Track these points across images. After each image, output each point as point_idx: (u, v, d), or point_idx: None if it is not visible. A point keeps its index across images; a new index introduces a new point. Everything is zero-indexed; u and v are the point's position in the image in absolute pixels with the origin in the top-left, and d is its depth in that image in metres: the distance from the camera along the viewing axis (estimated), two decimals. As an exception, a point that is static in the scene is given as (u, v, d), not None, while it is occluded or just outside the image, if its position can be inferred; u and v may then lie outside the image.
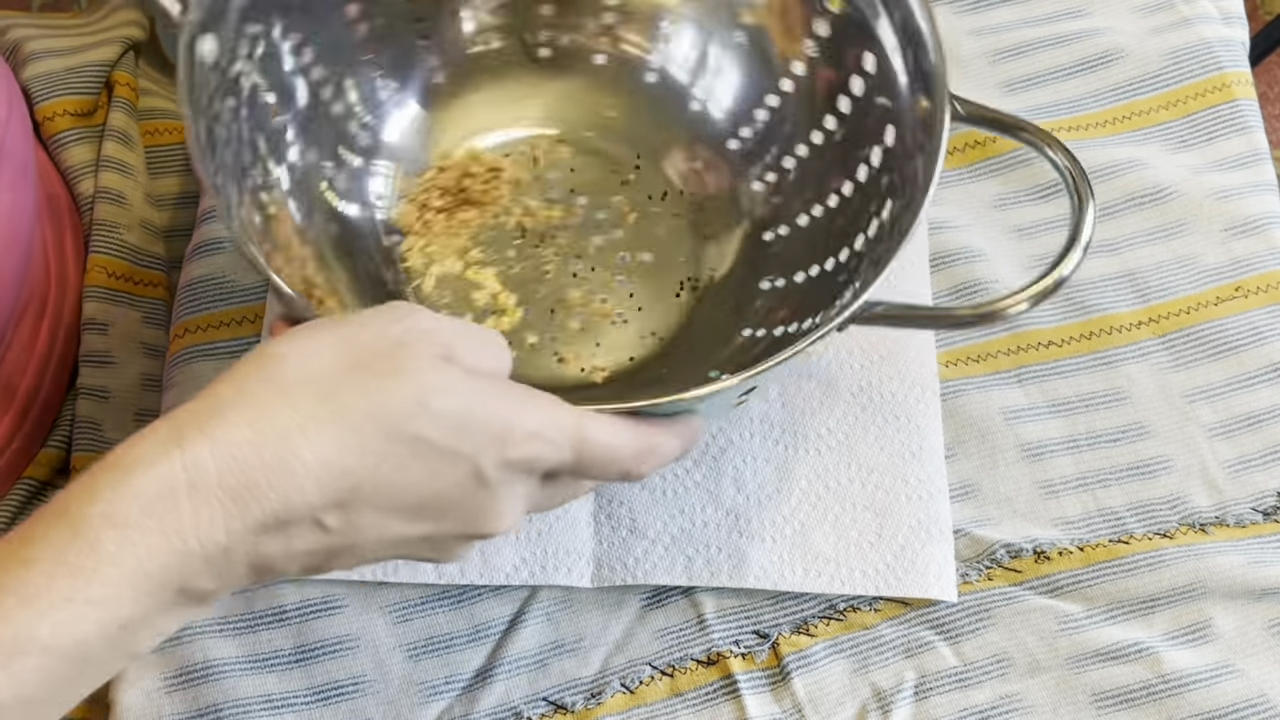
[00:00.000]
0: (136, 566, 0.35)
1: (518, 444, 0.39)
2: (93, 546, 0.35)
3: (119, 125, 0.71)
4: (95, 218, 0.68)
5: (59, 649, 0.35)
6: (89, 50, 0.73)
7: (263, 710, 0.54)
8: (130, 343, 0.65)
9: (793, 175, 0.59)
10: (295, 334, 0.40)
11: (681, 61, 0.63)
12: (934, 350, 0.60)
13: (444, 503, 0.39)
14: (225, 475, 0.36)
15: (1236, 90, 0.66)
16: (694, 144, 0.62)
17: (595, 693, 0.55)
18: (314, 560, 0.39)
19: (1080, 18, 0.68)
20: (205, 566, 0.36)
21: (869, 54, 0.54)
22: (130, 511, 0.35)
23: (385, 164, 0.61)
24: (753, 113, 0.61)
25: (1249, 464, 0.57)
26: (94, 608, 0.35)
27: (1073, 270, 0.48)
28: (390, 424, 0.37)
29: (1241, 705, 0.52)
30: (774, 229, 0.59)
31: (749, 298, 0.59)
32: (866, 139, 0.55)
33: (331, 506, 0.37)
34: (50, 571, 0.35)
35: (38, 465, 0.63)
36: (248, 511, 0.36)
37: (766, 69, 0.60)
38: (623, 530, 0.57)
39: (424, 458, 0.38)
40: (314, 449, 0.36)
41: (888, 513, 0.56)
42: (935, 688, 0.54)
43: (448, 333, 0.40)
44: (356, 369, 0.38)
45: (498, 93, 0.64)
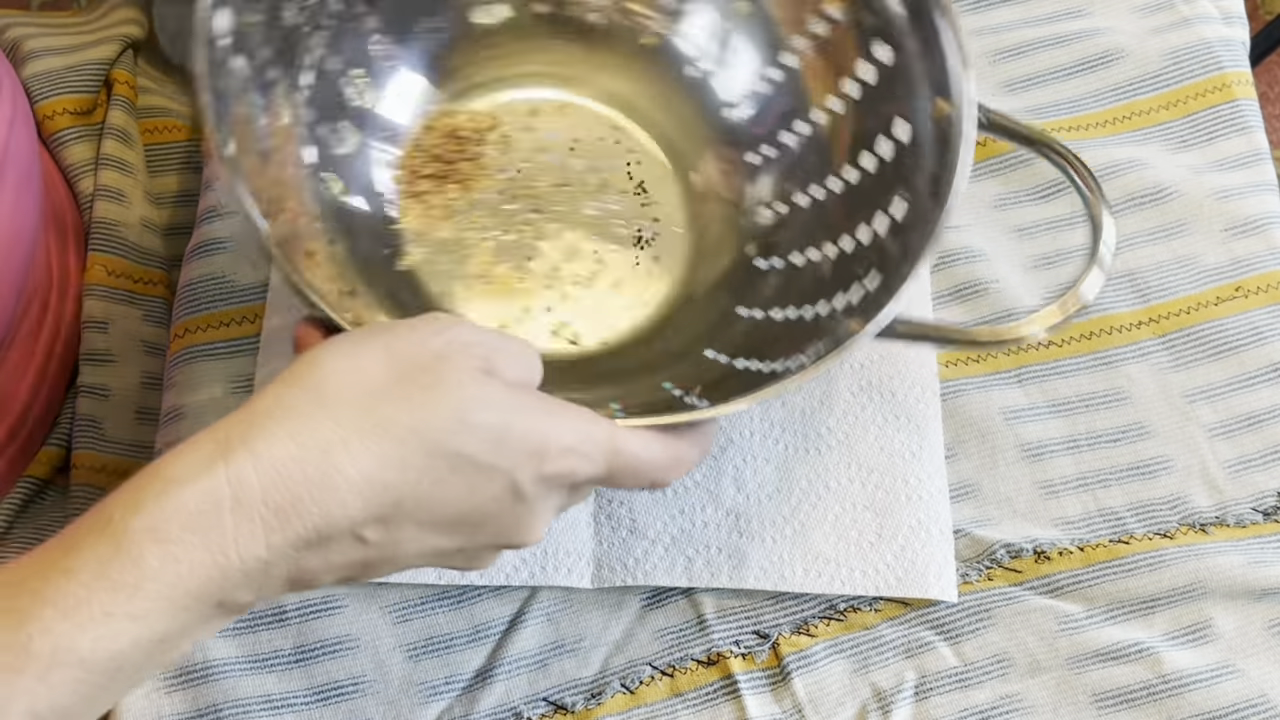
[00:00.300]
0: (178, 583, 0.35)
1: (554, 459, 0.40)
2: (135, 561, 0.35)
3: (118, 123, 0.71)
4: (95, 216, 0.68)
5: (97, 663, 0.35)
6: (88, 49, 0.73)
7: (263, 710, 0.54)
8: (130, 341, 0.65)
9: (794, 154, 0.59)
10: (335, 344, 0.40)
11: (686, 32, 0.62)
12: (934, 350, 0.60)
13: (481, 516, 0.40)
14: (269, 491, 0.36)
15: (1237, 90, 0.66)
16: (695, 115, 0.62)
17: (595, 693, 0.55)
18: (351, 572, 0.39)
19: (1080, 18, 0.68)
20: (245, 580, 0.37)
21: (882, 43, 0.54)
22: (173, 527, 0.35)
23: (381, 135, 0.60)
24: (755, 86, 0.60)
25: (1249, 464, 0.57)
26: (134, 623, 0.35)
27: (1094, 294, 0.48)
28: (432, 439, 0.38)
29: (1242, 705, 0.52)
30: (772, 207, 0.59)
31: (747, 276, 0.58)
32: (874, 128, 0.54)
33: (373, 521, 0.38)
34: (91, 584, 0.35)
35: (38, 464, 0.63)
36: (289, 526, 0.36)
37: (771, 41, 0.59)
38: (623, 531, 0.57)
39: (463, 473, 0.38)
40: (357, 464, 0.37)
41: (888, 513, 0.56)
42: (935, 688, 0.54)
43: (486, 345, 0.41)
44: (398, 382, 0.38)
45: (499, 60, 0.63)
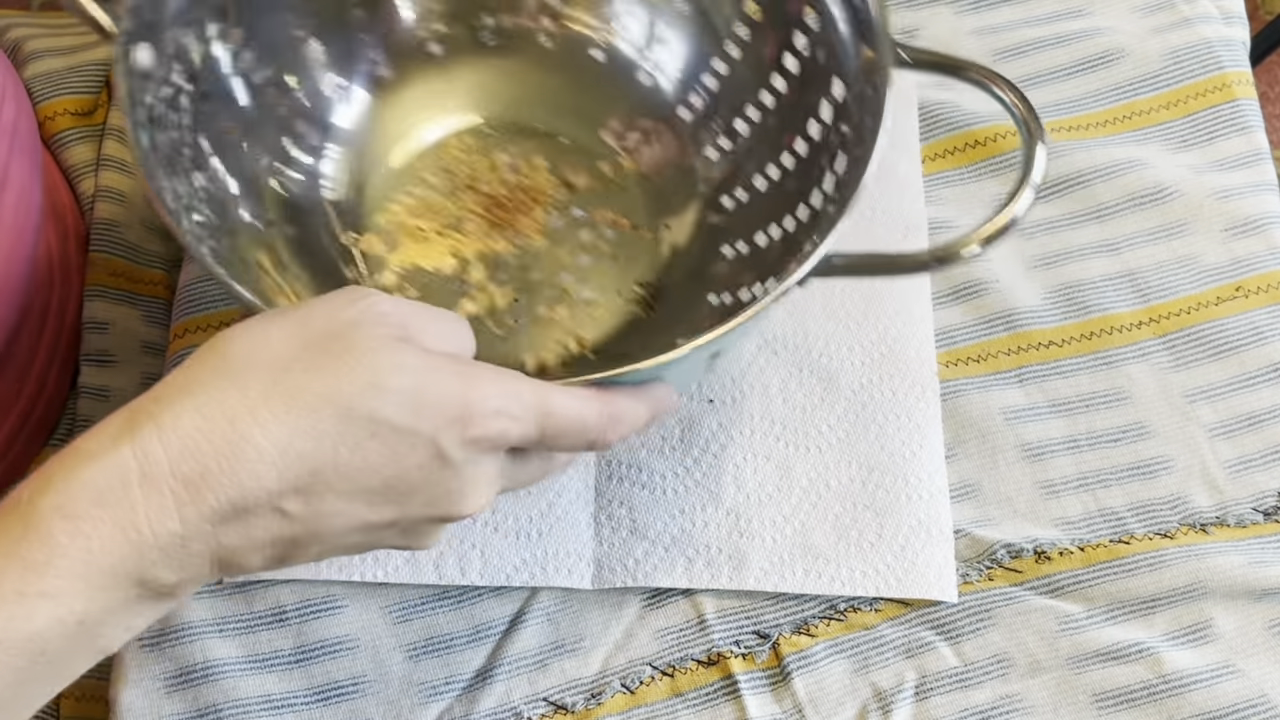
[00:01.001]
0: (89, 559, 0.35)
1: (479, 421, 0.38)
2: (44, 539, 0.34)
3: (119, 124, 0.71)
4: (96, 216, 0.68)
5: (13, 643, 0.34)
6: (89, 49, 0.73)
7: (263, 710, 0.54)
8: (131, 341, 0.65)
9: (746, 138, 0.59)
10: (246, 323, 0.39)
11: (628, 36, 0.62)
12: (934, 350, 0.60)
13: (408, 485, 0.38)
14: (177, 463, 0.35)
15: (1237, 90, 0.66)
16: (646, 117, 0.62)
17: (595, 693, 0.55)
18: (278, 550, 0.38)
19: (1080, 17, 0.68)
20: (162, 557, 0.36)
21: (809, 9, 0.54)
22: (81, 503, 0.35)
23: (334, 154, 0.61)
24: (700, 79, 0.61)
25: (1249, 464, 0.57)
26: (47, 601, 0.34)
27: (1025, 210, 0.47)
28: (344, 404, 0.37)
29: (1242, 705, 0.52)
30: (731, 193, 0.59)
31: (712, 264, 0.58)
32: (814, 94, 0.54)
33: (290, 492, 0.36)
34: (2, 565, 0.34)
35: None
36: (202, 499, 0.35)
37: (711, 35, 0.60)
38: (623, 531, 0.57)
39: (382, 438, 0.37)
40: (266, 433, 0.36)
41: (888, 513, 0.56)
42: (936, 688, 0.54)
43: (404, 313, 0.40)
44: (308, 350, 0.37)
45: (445, 79, 0.63)
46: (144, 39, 0.50)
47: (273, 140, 0.59)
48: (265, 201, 0.57)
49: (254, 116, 0.57)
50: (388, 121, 0.62)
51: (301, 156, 0.60)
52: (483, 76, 0.64)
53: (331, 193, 0.60)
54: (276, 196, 0.58)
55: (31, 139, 0.59)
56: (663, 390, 0.45)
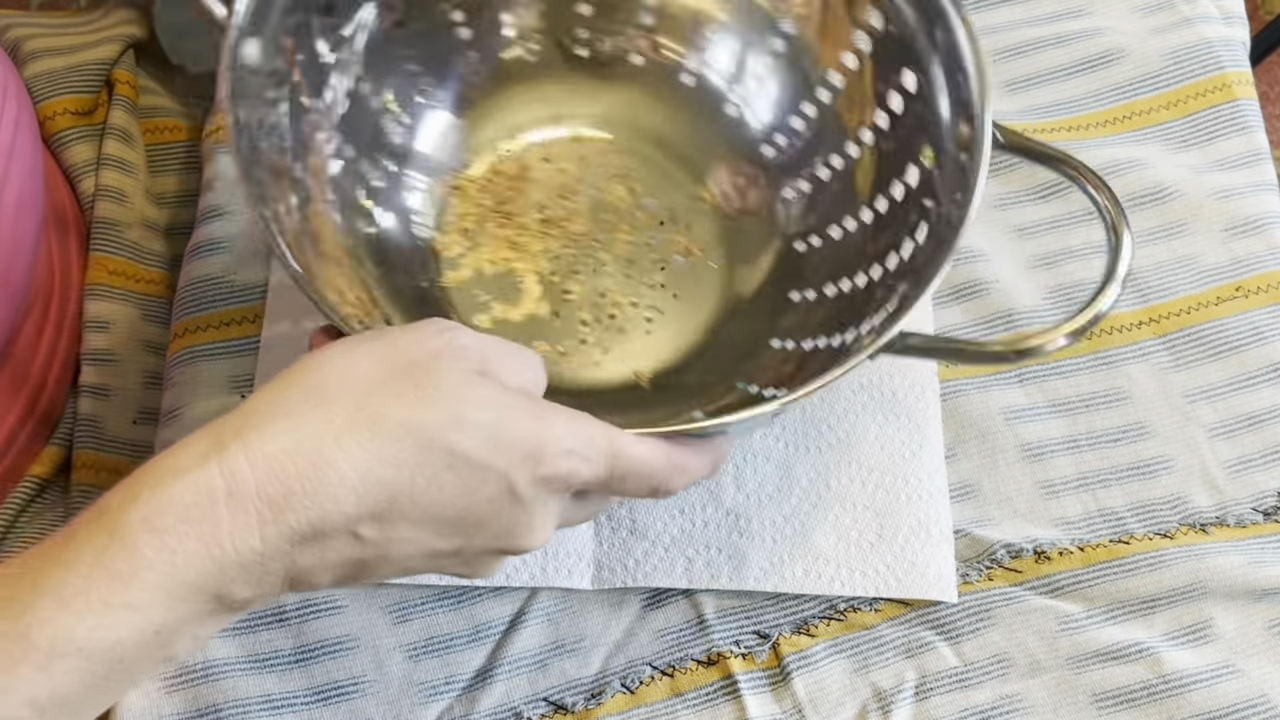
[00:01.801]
0: (173, 573, 0.35)
1: (551, 460, 0.39)
2: (130, 552, 0.35)
3: (119, 123, 0.71)
4: (96, 215, 0.68)
5: (95, 652, 0.35)
6: (89, 49, 0.73)
7: (263, 710, 0.54)
8: (131, 340, 0.65)
9: (827, 187, 0.59)
10: (333, 346, 0.40)
11: (719, 68, 0.62)
12: (944, 363, 0.60)
13: (477, 517, 0.39)
14: (263, 484, 0.36)
15: (1237, 90, 0.65)
16: (730, 150, 0.62)
17: (595, 693, 0.55)
18: (347, 571, 0.39)
19: (1081, 17, 0.68)
20: (241, 574, 0.37)
21: (909, 72, 0.54)
22: (168, 518, 0.36)
23: (419, 169, 0.61)
24: (789, 121, 0.60)
25: (1249, 464, 0.57)
26: (130, 612, 0.35)
27: (1110, 306, 0.47)
28: (426, 435, 0.38)
29: (1242, 705, 0.52)
30: (806, 240, 0.59)
31: (779, 308, 0.58)
32: (903, 157, 0.54)
33: (367, 518, 0.38)
34: (88, 575, 0.35)
35: (40, 463, 0.63)
36: (283, 520, 0.36)
37: (803, 79, 0.60)
38: (623, 531, 0.57)
39: (458, 471, 0.38)
40: (350, 460, 0.37)
41: (888, 513, 0.56)
42: (936, 688, 0.54)
43: (483, 348, 0.41)
44: (392, 379, 0.39)
45: (534, 96, 0.63)
46: (254, 33, 0.50)
47: (364, 144, 0.59)
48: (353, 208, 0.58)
49: (349, 118, 0.58)
50: (474, 135, 0.63)
51: (388, 163, 0.60)
52: (570, 94, 0.64)
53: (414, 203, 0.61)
54: (362, 204, 0.58)
55: (32, 137, 0.59)
56: (724, 442, 0.46)
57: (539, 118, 0.64)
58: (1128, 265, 0.48)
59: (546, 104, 0.63)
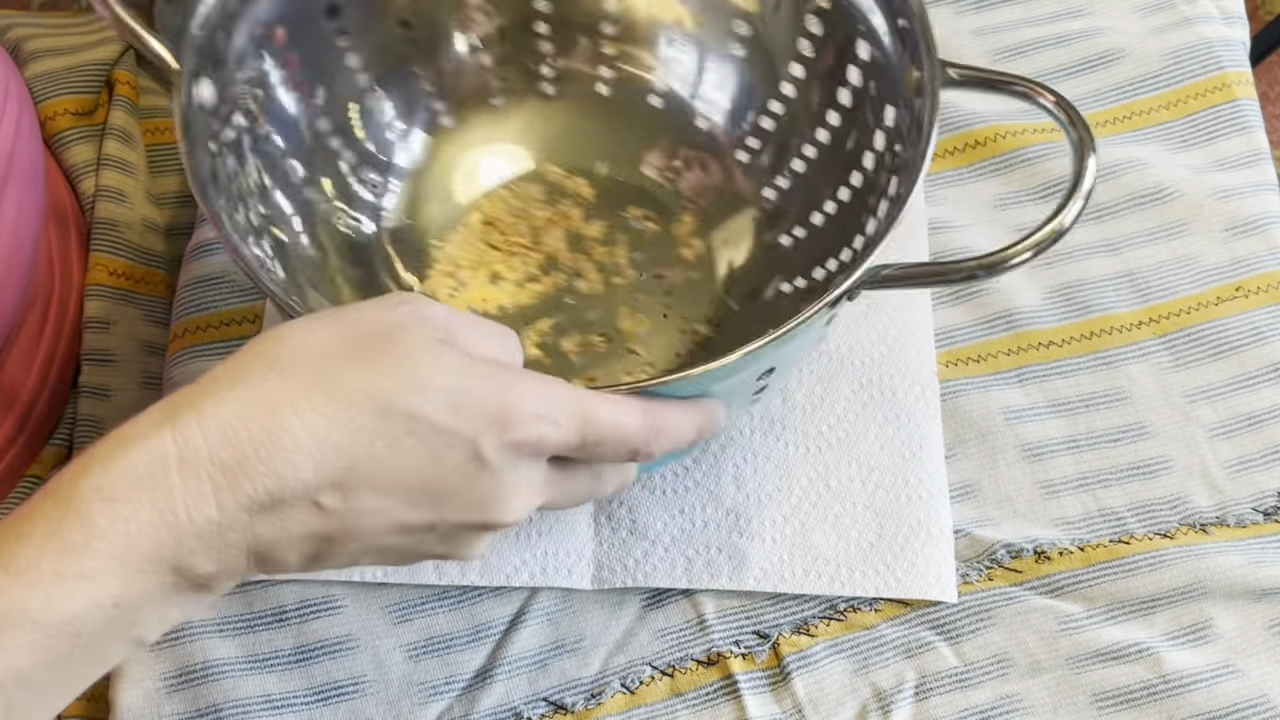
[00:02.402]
0: (127, 542, 0.35)
1: (518, 425, 0.38)
2: (84, 521, 0.35)
3: (120, 124, 0.71)
4: (96, 216, 0.68)
5: (51, 624, 0.34)
6: (89, 49, 0.73)
7: (263, 710, 0.54)
8: (131, 341, 0.65)
9: (804, 176, 0.59)
10: (294, 320, 0.39)
11: (683, 78, 0.62)
12: (934, 350, 0.60)
13: (445, 486, 0.38)
14: (215, 449, 0.35)
15: (1237, 90, 0.66)
16: (704, 159, 0.62)
17: (595, 693, 0.55)
18: (314, 546, 0.38)
19: (1081, 17, 0.68)
20: (199, 545, 0.36)
21: (862, 40, 0.54)
22: (121, 486, 0.35)
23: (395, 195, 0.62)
24: (758, 121, 0.61)
25: (1249, 464, 0.57)
26: (85, 582, 0.35)
27: (1073, 220, 0.46)
28: (384, 400, 0.37)
29: (1242, 705, 0.52)
30: (789, 231, 0.59)
31: (771, 303, 0.58)
32: (870, 125, 0.54)
33: (327, 486, 0.37)
34: (42, 545, 0.34)
35: (40, 464, 0.63)
36: (239, 487, 0.36)
37: (767, 75, 0.60)
38: (623, 531, 0.57)
39: (420, 436, 0.37)
40: (305, 424, 0.36)
41: (888, 513, 0.56)
42: (935, 688, 0.54)
43: (451, 319, 0.40)
44: (352, 347, 0.38)
45: (504, 121, 0.64)
46: (206, 75, 0.50)
47: (334, 179, 0.59)
48: (325, 239, 0.58)
49: (315, 156, 0.58)
50: (447, 163, 0.63)
51: (363, 194, 0.60)
52: (540, 120, 0.64)
53: (391, 233, 0.61)
54: (337, 235, 0.59)
55: (33, 138, 0.59)
56: (710, 405, 0.45)
57: (510, 147, 0.64)
58: (1092, 179, 0.47)
59: (517, 131, 0.64)
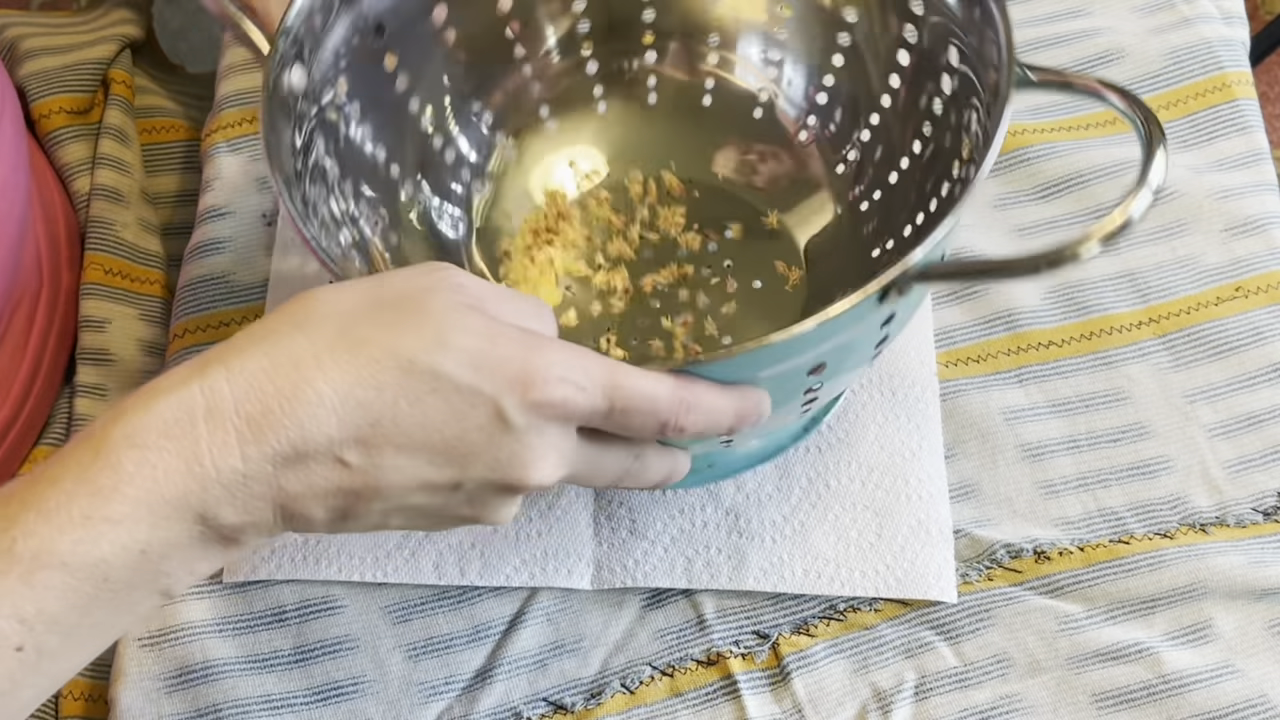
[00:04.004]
0: (154, 488, 0.36)
1: (541, 385, 0.38)
2: (113, 467, 0.36)
3: (115, 123, 0.71)
4: (91, 215, 0.68)
5: (79, 567, 0.35)
6: (86, 48, 0.73)
7: (263, 710, 0.54)
8: (128, 340, 0.65)
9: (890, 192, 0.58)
10: (328, 285, 0.40)
11: (789, 95, 0.62)
12: (934, 350, 0.60)
13: (468, 445, 0.39)
14: (241, 402, 0.37)
15: (1237, 90, 0.66)
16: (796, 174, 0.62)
17: (595, 693, 0.55)
18: (340, 501, 0.39)
19: (1080, 17, 0.68)
20: (225, 494, 0.37)
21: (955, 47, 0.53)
22: (150, 434, 0.36)
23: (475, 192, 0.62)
24: (854, 135, 0.60)
25: (1249, 464, 0.57)
26: (112, 526, 0.36)
27: (1141, 213, 0.45)
28: (407, 357, 0.37)
29: (1242, 705, 0.52)
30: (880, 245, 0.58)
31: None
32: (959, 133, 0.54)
33: (351, 441, 0.37)
34: (72, 490, 0.36)
35: (34, 463, 0.63)
36: (264, 439, 0.37)
37: (866, 91, 0.59)
38: (622, 531, 0.57)
39: (443, 394, 0.38)
40: (329, 379, 0.37)
41: (888, 513, 0.56)
42: (935, 688, 0.54)
43: (482, 288, 0.40)
44: (379, 308, 0.39)
45: (595, 125, 0.64)
46: (299, 62, 0.50)
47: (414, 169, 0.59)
48: (404, 238, 0.58)
49: (401, 152, 0.58)
50: (530, 161, 0.63)
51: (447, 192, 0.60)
52: (633, 124, 0.64)
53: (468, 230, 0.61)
54: (416, 233, 0.59)
55: (16, 134, 0.59)
56: (751, 391, 0.44)
57: (598, 149, 0.64)
58: (1162, 174, 0.46)
59: (607, 135, 0.64)
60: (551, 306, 0.42)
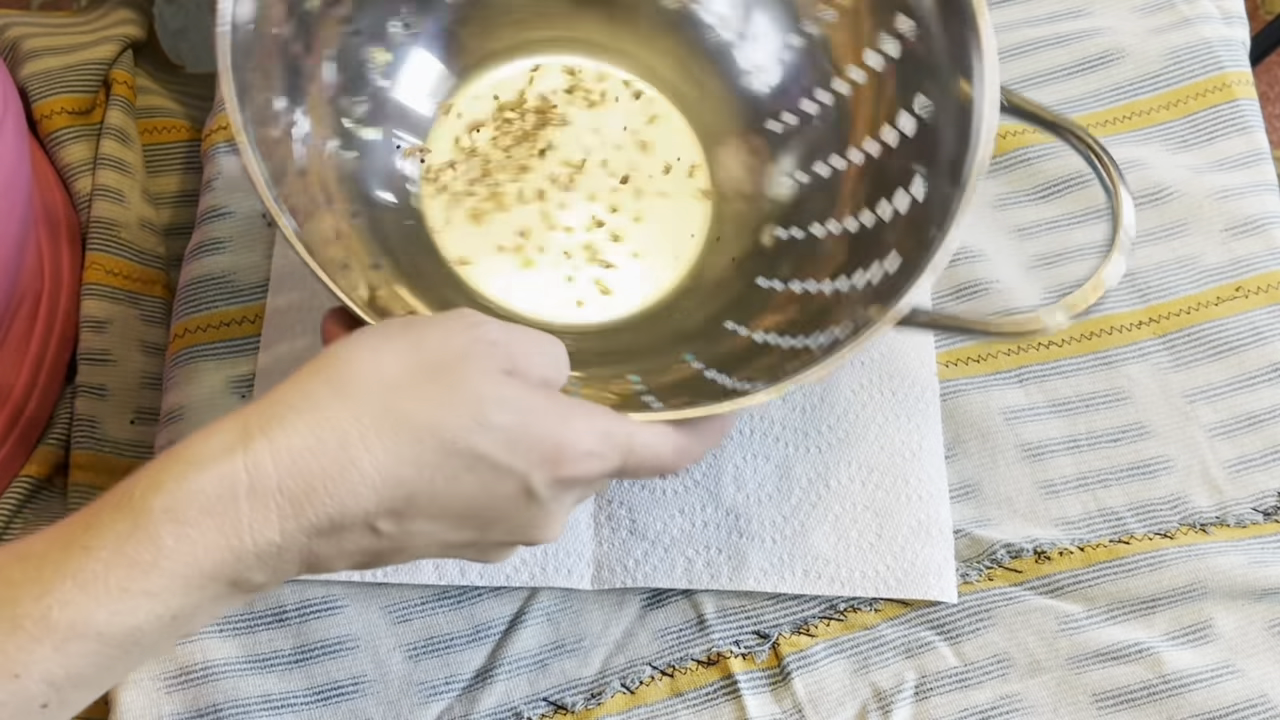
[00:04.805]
0: (193, 563, 0.36)
1: (569, 464, 0.40)
2: (152, 540, 0.36)
3: (117, 123, 0.71)
4: (93, 215, 0.68)
5: (113, 636, 0.36)
6: (87, 49, 0.73)
7: (263, 710, 0.54)
8: (129, 340, 0.65)
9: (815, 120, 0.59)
10: (360, 338, 0.40)
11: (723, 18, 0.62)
12: (934, 350, 0.60)
13: (495, 514, 0.40)
14: (285, 480, 0.37)
15: (1237, 90, 0.66)
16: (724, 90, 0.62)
17: (595, 693, 0.55)
18: (363, 559, 0.40)
19: (1081, 18, 0.68)
20: (258, 564, 0.37)
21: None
22: (191, 509, 0.36)
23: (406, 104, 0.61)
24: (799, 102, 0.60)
25: (1249, 464, 0.57)
26: (149, 599, 0.36)
27: (1117, 280, 0.47)
28: (449, 438, 0.38)
29: (1242, 705, 0.52)
30: (793, 176, 0.59)
31: (768, 249, 0.58)
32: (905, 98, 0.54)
33: (385, 514, 0.38)
34: (109, 560, 0.36)
35: (35, 463, 0.63)
36: (303, 515, 0.37)
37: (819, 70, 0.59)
38: (622, 532, 0.57)
39: (478, 472, 0.39)
40: (373, 458, 0.38)
41: (888, 513, 0.56)
42: (935, 688, 0.54)
43: (513, 345, 0.41)
44: (418, 379, 0.39)
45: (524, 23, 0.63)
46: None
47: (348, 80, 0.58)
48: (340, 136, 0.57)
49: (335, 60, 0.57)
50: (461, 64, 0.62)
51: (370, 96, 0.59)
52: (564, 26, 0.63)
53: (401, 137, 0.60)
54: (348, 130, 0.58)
55: (18, 135, 0.59)
56: (729, 423, 0.47)
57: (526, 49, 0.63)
58: (1132, 237, 0.48)
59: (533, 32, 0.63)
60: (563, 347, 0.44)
